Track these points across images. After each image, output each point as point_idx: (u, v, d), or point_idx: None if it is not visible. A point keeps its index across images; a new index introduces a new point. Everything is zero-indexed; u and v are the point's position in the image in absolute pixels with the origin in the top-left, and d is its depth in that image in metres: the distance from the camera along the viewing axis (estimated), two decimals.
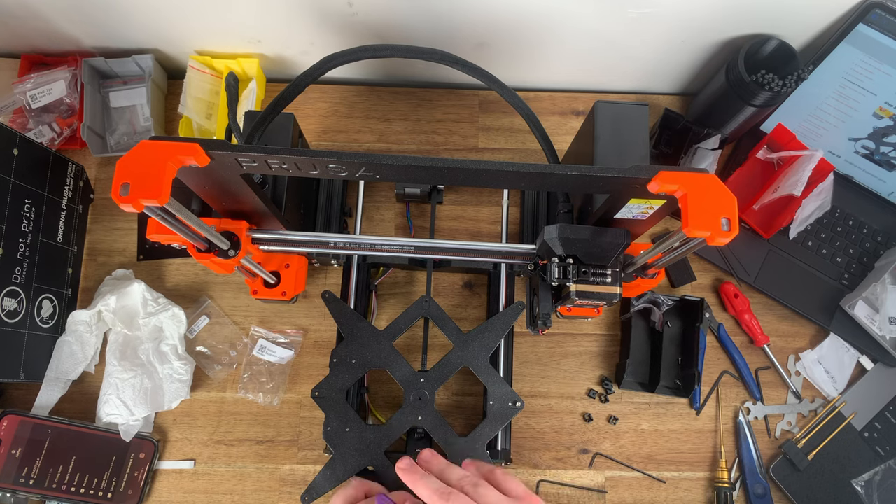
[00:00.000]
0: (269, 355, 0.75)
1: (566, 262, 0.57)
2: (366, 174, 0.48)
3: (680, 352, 0.78)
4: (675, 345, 0.78)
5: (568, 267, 0.56)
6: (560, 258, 0.57)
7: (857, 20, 0.69)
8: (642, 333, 0.78)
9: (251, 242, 0.63)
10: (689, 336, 0.77)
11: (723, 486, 0.73)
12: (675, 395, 0.76)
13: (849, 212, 0.83)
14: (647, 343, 0.78)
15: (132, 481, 0.71)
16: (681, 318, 0.79)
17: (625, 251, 0.58)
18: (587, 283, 0.57)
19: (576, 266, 0.57)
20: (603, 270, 0.57)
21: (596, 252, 0.56)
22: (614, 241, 0.54)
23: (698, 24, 0.73)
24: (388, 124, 0.86)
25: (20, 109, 0.79)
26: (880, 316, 0.76)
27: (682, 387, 0.76)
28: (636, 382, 0.77)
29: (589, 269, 0.57)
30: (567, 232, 0.55)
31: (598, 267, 0.57)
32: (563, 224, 0.55)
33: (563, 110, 0.87)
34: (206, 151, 0.44)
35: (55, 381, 0.71)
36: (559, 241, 0.55)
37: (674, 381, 0.77)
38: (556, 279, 0.57)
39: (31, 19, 0.75)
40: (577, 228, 0.55)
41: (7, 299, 0.66)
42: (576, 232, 0.55)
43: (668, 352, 0.77)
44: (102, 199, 0.81)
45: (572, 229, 0.55)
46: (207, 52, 0.82)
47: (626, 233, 0.55)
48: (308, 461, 0.74)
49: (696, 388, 0.75)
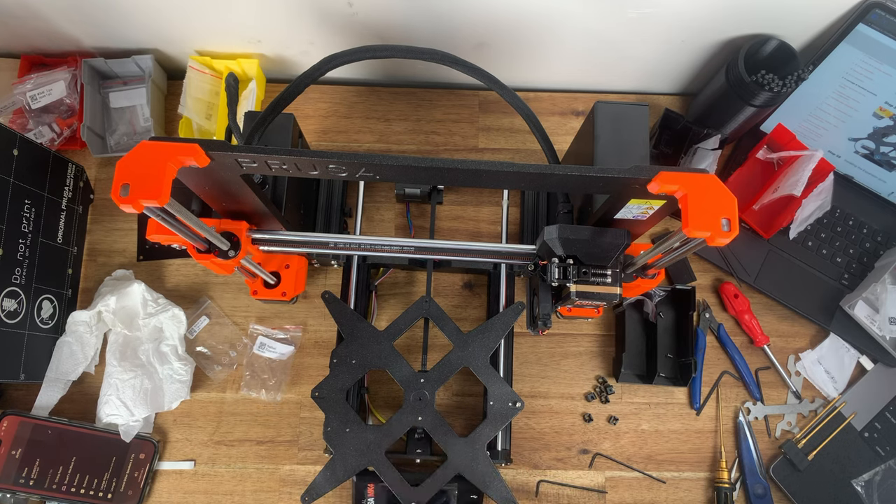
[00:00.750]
0: (270, 352, 0.75)
1: (566, 263, 0.57)
2: (366, 175, 0.48)
3: (675, 341, 0.78)
4: (669, 335, 0.78)
5: (568, 267, 0.57)
6: (560, 258, 0.57)
7: (857, 20, 0.69)
8: (636, 326, 0.79)
9: (251, 243, 0.63)
10: (683, 325, 0.77)
11: (723, 486, 0.73)
12: (672, 384, 0.76)
13: (849, 212, 0.83)
14: (641, 335, 0.79)
15: (132, 482, 0.71)
16: (674, 308, 0.79)
17: (625, 251, 0.58)
18: (587, 284, 0.57)
19: (576, 266, 0.57)
20: (603, 271, 0.57)
21: (596, 252, 0.56)
22: (614, 241, 0.54)
23: (698, 24, 0.73)
24: (388, 124, 0.86)
25: (20, 110, 0.79)
26: (880, 316, 0.76)
27: (679, 376, 0.76)
28: (633, 374, 0.77)
29: (589, 269, 0.57)
30: (567, 232, 0.55)
31: (598, 267, 0.57)
32: (564, 224, 0.55)
33: (563, 110, 0.87)
34: (205, 152, 0.44)
35: (55, 382, 0.71)
36: (559, 242, 0.55)
37: (671, 371, 0.77)
38: (557, 280, 0.57)
39: (31, 19, 0.75)
40: (578, 229, 0.55)
41: (7, 300, 0.66)
42: (576, 232, 0.55)
43: (664, 342, 0.78)
44: (102, 200, 0.81)
45: (572, 230, 0.55)
46: (207, 52, 0.82)
47: (626, 233, 0.55)
48: (308, 461, 0.74)
49: (693, 377, 0.75)
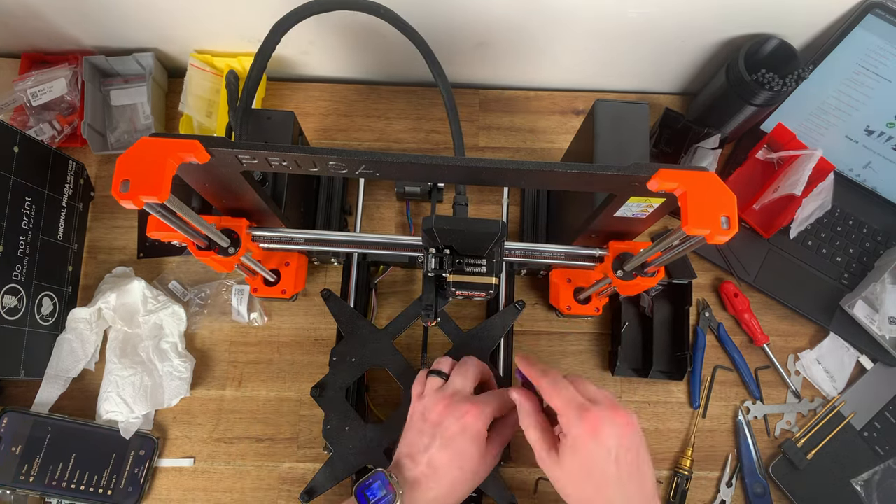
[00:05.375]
0: None
1: (443, 254, 0.57)
2: (366, 172, 0.48)
3: (671, 336, 0.78)
4: (665, 329, 0.78)
5: (444, 258, 0.56)
6: (438, 249, 0.57)
7: (858, 20, 0.69)
8: (633, 319, 0.78)
9: (251, 240, 0.63)
10: (679, 319, 0.77)
11: (682, 472, 0.74)
12: (668, 378, 0.76)
13: (849, 211, 0.83)
14: (637, 329, 0.78)
15: (132, 479, 0.71)
16: (670, 302, 0.79)
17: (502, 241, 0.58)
18: (462, 274, 0.57)
19: (451, 256, 0.56)
20: (478, 261, 0.57)
21: (471, 243, 0.56)
22: (489, 231, 0.54)
23: (698, 23, 0.73)
24: (388, 123, 0.86)
25: (21, 107, 0.79)
26: (880, 315, 0.76)
27: (675, 371, 0.76)
28: (630, 369, 0.77)
29: (464, 259, 0.57)
30: (441, 223, 0.54)
31: (474, 257, 0.57)
32: (440, 216, 0.55)
33: (563, 109, 0.88)
34: (206, 148, 0.44)
35: (55, 379, 0.71)
36: (435, 232, 0.55)
37: (667, 366, 0.77)
38: (433, 270, 0.56)
39: (31, 19, 0.75)
40: (452, 219, 0.54)
41: (7, 297, 0.66)
42: (450, 223, 0.54)
43: (660, 336, 0.78)
44: (103, 197, 0.81)
45: (446, 220, 0.54)
46: (208, 50, 0.82)
47: (500, 223, 0.54)
48: (307, 459, 0.74)
49: (689, 369, 0.75)
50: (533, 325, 0.79)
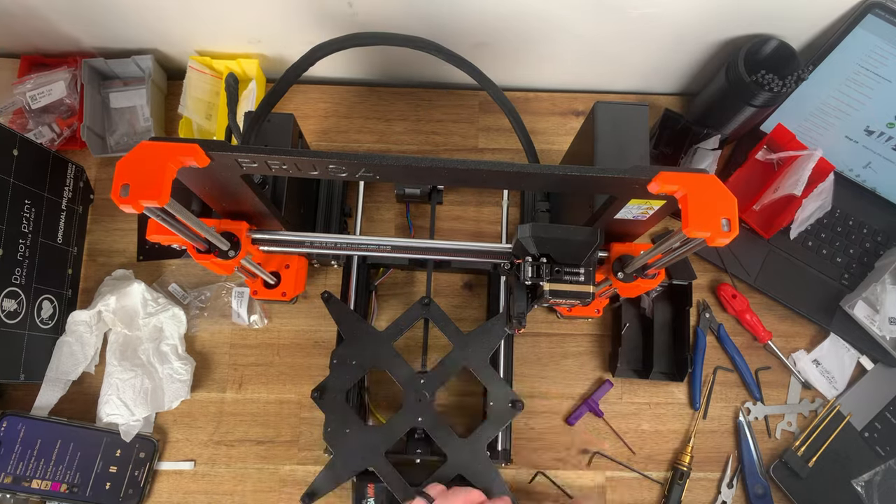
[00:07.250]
0: None
1: (540, 262, 0.57)
2: (366, 174, 0.48)
3: (672, 337, 0.78)
4: (666, 330, 0.78)
5: (541, 266, 0.56)
6: (534, 257, 0.57)
7: (858, 20, 0.69)
8: (633, 321, 0.78)
9: (251, 243, 0.63)
10: (680, 320, 0.77)
11: (681, 467, 0.74)
12: (669, 379, 0.76)
13: (849, 212, 0.83)
14: (638, 330, 0.78)
15: (132, 481, 0.71)
16: (670, 303, 0.79)
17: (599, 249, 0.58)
18: (560, 283, 0.57)
19: (549, 265, 0.57)
20: (576, 269, 0.57)
21: (569, 251, 0.56)
22: (587, 239, 0.54)
23: (698, 24, 0.73)
24: (387, 125, 0.86)
25: (20, 110, 0.79)
26: (880, 316, 0.76)
27: (676, 372, 0.76)
28: (630, 370, 0.77)
29: (562, 268, 0.57)
30: (540, 231, 0.54)
31: (572, 266, 0.57)
32: (537, 223, 0.55)
33: (563, 110, 0.87)
34: (205, 152, 0.44)
35: (55, 382, 0.71)
36: (532, 240, 0.55)
37: (667, 367, 0.77)
38: (530, 278, 0.56)
39: (31, 19, 0.75)
40: (550, 227, 0.54)
41: (7, 300, 0.66)
42: (549, 231, 0.54)
43: (660, 337, 0.78)
44: (102, 200, 0.81)
45: (545, 228, 0.54)
46: (207, 52, 0.82)
47: (597, 231, 0.54)
48: (308, 462, 0.74)
49: (691, 371, 0.75)
50: (533, 326, 0.79)
